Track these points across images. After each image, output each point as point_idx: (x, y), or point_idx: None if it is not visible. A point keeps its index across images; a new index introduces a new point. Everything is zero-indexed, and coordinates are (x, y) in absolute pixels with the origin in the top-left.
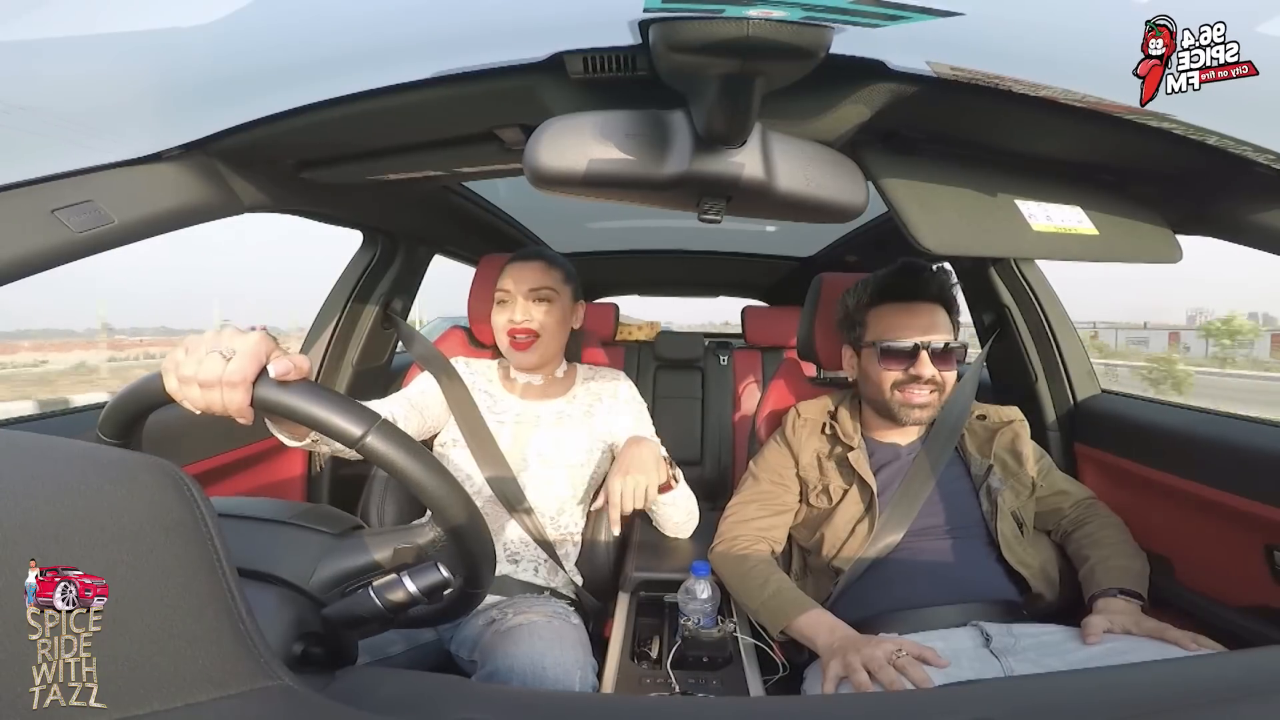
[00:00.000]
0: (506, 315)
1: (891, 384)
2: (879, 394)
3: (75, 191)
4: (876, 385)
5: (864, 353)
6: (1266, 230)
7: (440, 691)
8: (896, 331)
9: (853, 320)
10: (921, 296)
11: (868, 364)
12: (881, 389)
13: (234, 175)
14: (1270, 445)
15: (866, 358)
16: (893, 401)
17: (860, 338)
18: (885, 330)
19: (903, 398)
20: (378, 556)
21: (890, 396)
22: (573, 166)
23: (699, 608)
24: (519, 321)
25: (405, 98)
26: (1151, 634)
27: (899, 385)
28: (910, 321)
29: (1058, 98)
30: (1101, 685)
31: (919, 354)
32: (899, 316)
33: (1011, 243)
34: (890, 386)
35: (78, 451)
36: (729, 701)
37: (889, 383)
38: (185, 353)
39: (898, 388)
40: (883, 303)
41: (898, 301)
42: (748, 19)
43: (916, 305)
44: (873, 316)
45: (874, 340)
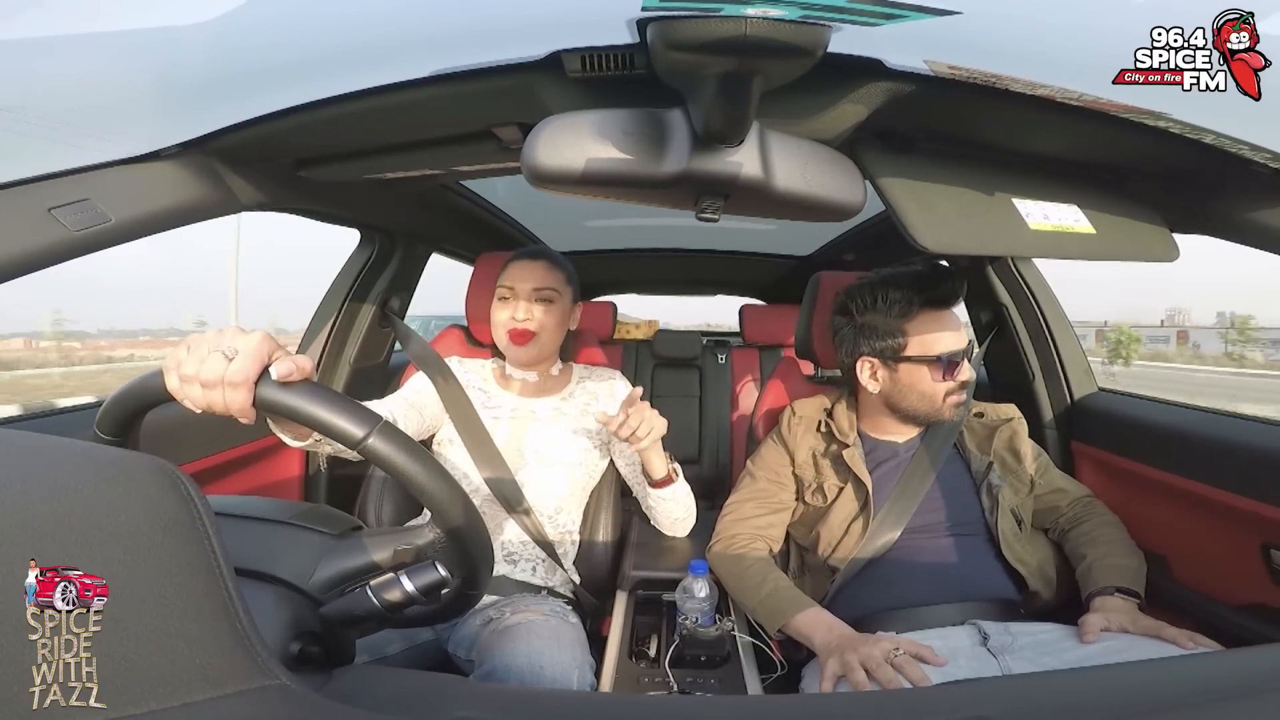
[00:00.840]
0: (509, 312)
1: (944, 393)
2: (929, 405)
3: (72, 190)
4: (929, 398)
5: (904, 367)
6: (1264, 229)
7: (438, 690)
8: (944, 343)
9: (881, 331)
10: (953, 300)
11: (913, 378)
12: (934, 400)
13: (231, 173)
14: (1268, 444)
15: (910, 371)
16: (944, 409)
17: (899, 350)
18: (933, 343)
19: (953, 402)
20: (377, 557)
21: (943, 405)
22: (570, 165)
23: (697, 606)
24: (520, 320)
25: (403, 96)
26: (1148, 632)
27: (950, 393)
28: (952, 329)
29: (1055, 96)
30: (1098, 684)
31: (962, 360)
32: (944, 328)
33: (1009, 241)
34: (944, 396)
35: (75, 451)
36: (727, 700)
37: (943, 393)
38: (187, 351)
39: (949, 395)
40: (924, 310)
41: (936, 309)
42: (745, 18)
43: (951, 313)
44: (913, 328)
45: (921, 354)
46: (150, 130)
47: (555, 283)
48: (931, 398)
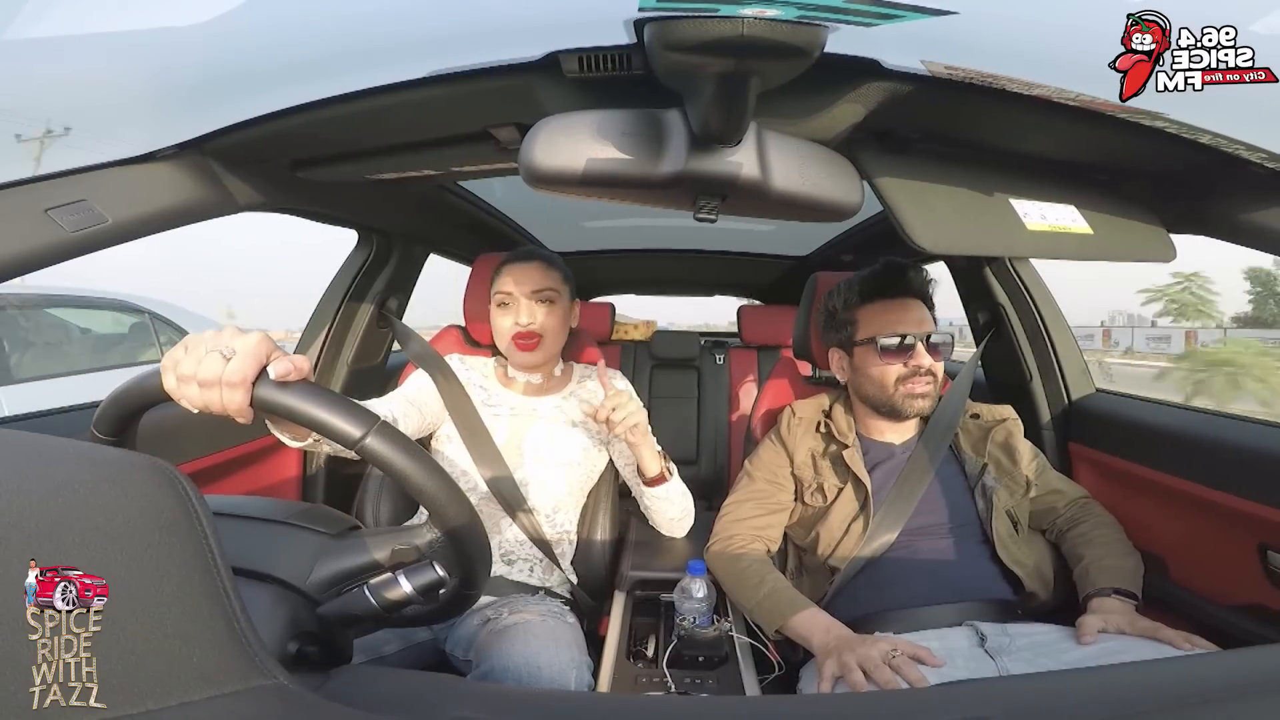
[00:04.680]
0: (511, 318)
1: (895, 378)
2: (881, 391)
3: (69, 191)
4: (879, 382)
5: (858, 351)
6: (1260, 229)
7: (435, 690)
8: (892, 327)
9: (841, 322)
10: (908, 293)
11: (865, 362)
12: (884, 385)
13: (228, 174)
14: (1265, 445)
15: (862, 356)
16: (896, 396)
17: (851, 338)
18: (880, 326)
19: (906, 390)
20: (376, 557)
21: (894, 391)
22: (568, 165)
23: (695, 607)
24: (525, 325)
25: (400, 97)
26: (1145, 633)
27: (902, 379)
28: (902, 316)
29: (1052, 96)
30: (1096, 685)
31: (915, 346)
32: (891, 313)
33: (1006, 241)
34: (894, 381)
35: (72, 450)
36: (725, 700)
37: (893, 378)
38: (185, 351)
39: (901, 381)
40: (872, 300)
41: (887, 299)
42: (743, 18)
43: (904, 300)
44: (863, 315)
45: (869, 337)
46: (147, 131)
47: (553, 282)
48: (881, 383)
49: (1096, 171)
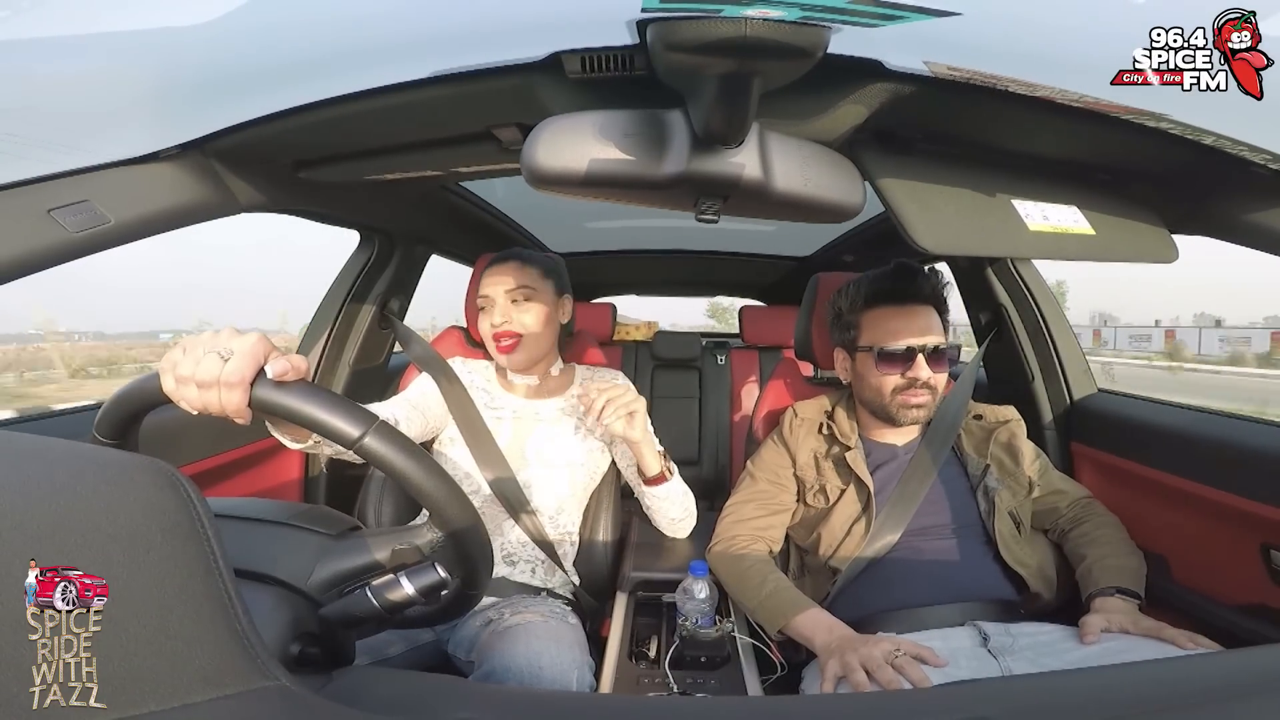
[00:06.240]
0: (489, 320)
1: (892, 389)
2: (878, 398)
3: (71, 191)
4: (876, 390)
5: (859, 356)
6: (1263, 230)
7: (437, 692)
8: (893, 336)
9: (846, 323)
10: (915, 299)
11: (864, 368)
12: (881, 394)
13: (231, 175)
14: (1267, 444)
15: (862, 362)
16: (892, 405)
17: (854, 341)
18: (881, 335)
19: (902, 400)
20: (377, 557)
21: (890, 400)
22: (570, 166)
23: (697, 607)
24: (499, 324)
25: (402, 97)
26: (1148, 633)
27: (899, 390)
28: (906, 324)
29: (1054, 97)
30: (1099, 684)
31: (915, 357)
32: (894, 320)
33: (1008, 242)
34: (891, 391)
35: (74, 452)
36: (727, 701)
37: (890, 388)
38: (183, 352)
39: (898, 392)
40: (877, 305)
41: (892, 304)
42: (745, 19)
43: (910, 308)
44: (867, 320)
45: (870, 345)
46: (150, 131)
47: (528, 279)
48: (878, 390)
49: (1098, 172)
